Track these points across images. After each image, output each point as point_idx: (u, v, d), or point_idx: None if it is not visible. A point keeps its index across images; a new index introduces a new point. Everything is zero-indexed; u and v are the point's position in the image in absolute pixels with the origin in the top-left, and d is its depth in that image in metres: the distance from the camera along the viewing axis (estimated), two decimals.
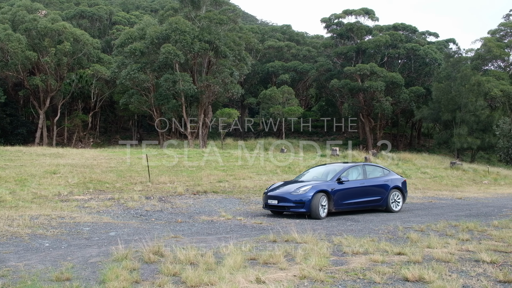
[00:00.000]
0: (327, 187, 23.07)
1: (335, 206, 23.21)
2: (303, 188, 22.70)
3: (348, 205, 23.95)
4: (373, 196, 24.91)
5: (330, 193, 22.99)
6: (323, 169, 26.42)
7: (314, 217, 22.10)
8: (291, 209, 22.73)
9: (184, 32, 71.66)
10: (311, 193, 22.28)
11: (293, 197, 22.55)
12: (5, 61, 79.83)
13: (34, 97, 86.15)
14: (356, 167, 25.71)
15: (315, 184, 23.20)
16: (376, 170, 26.49)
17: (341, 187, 23.62)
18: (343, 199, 23.60)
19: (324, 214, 22.53)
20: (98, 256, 12.81)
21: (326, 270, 10.89)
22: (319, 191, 22.56)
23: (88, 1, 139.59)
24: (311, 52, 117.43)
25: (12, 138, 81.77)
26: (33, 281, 9.71)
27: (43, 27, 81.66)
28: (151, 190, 27.73)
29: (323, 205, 22.60)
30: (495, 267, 11.26)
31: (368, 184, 24.90)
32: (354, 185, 24.33)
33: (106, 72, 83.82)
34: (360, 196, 24.47)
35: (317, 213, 22.18)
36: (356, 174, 25.17)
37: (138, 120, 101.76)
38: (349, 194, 24.01)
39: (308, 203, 22.10)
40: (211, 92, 76.40)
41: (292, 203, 22.51)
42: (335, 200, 23.15)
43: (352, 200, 24.08)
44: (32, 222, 17.89)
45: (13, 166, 32.31)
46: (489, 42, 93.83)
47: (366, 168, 25.97)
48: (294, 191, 22.80)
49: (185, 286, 9.63)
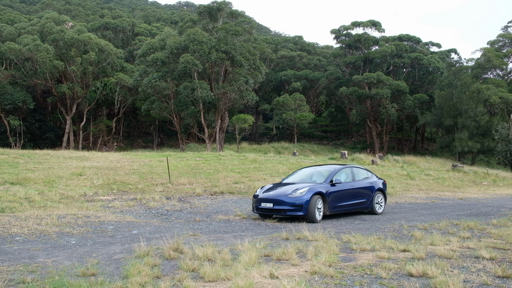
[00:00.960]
0: (323, 189, 21.28)
1: (329, 209, 21.50)
2: (300, 191, 20.70)
3: (340, 208, 22.30)
4: (361, 198, 23.36)
5: (325, 195, 21.22)
6: (310, 171, 24.85)
7: (311, 220, 20.30)
8: (287, 212, 20.56)
9: (202, 42, 71.74)
10: (309, 196, 20.42)
11: (290, 200, 20.48)
12: (34, 70, 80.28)
13: (61, 103, 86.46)
14: (345, 169, 24.06)
15: (312, 186, 21.28)
16: (361, 172, 24.89)
17: (334, 189, 21.93)
18: (336, 202, 21.93)
19: (319, 218, 20.80)
20: (122, 253, 12.82)
21: (336, 266, 10.88)
22: (316, 193, 20.78)
23: (112, 14, 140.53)
24: (322, 62, 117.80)
25: (41, 142, 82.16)
26: (60, 276, 9.74)
27: (70, 38, 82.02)
28: (171, 191, 27.71)
29: (319, 208, 20.80)
30: (494, 263, 11.23)
31: (357, 186, 23.41)
32: (345, 187, 22.64)
33: (129, 80, 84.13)
34: (351, 199, 22.80)
35: (314, 216, 20.34)
36: (345, 176, 23.53)
37: (159, 125, 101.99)
38: (341, 196, 22.30)
39: (306, 206, 20.22)
40: (227, 99, 76.44)
41: (289, 206, 20.43)
42: (329, 203, 21.45)
43: (344, 202, 22.42)
44: (59, 221, 17.92)
45: (41, 169, 32.36)
46: (488, 52, 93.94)
47: (353, 170, 24.50)
48: (290, 194, 20.73)
49: (203, 281, 9.64)
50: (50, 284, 8.93)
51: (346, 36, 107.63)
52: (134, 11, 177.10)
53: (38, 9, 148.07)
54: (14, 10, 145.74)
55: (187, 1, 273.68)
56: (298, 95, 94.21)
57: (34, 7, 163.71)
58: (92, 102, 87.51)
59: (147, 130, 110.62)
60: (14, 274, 10.08)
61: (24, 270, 10.52)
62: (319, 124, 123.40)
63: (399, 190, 35.20)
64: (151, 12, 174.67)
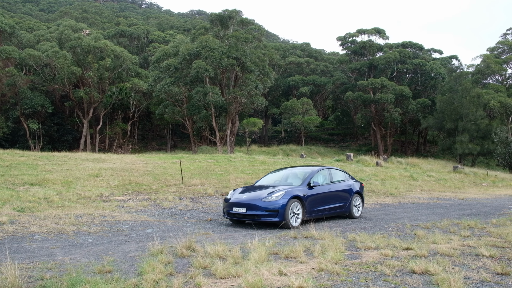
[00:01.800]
0: (300, 193, 18.84)
1: (307, 214, 19.09)
2: (276, 194, 18.26)
3: (318, 212, 19.95)
4: (339, 202, 21.16)
5: (303, 199, 18.78)
6: (285, 173, 22.39)
7: (287, 227, 17.91)
8: (262, 218, 18.06)
9: (213, 49, 71.90)
10: (285, 200, 17.99)
11: (264, 204, 17.99)
12: (53, 75, 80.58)
13: (78, 107, 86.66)
14: (323, 171, 21.61)
15: (289, 189, 18.82)
16: (338, 174, 22.58)
17: (312, 192, 19.57)
18: (314, 206, 19.60)
19: (297, 224, 18.38)
20: (136, 251, 12.85)
21: (342, 264, 10.89)
22: (293, 197, 18.35)
23: (128, 22, 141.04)
24: (328, 67, 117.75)
25: (59, 145, 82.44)
26: (77, 273, 9.77)
27: (87, 45, 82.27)
28: (184, 191, 27.69)
29: (296, 213, 18.46)
30: (493, 261, 11.23)
31: (335, 189, 21.17)
32: (323, 190, 20.36)
33: (144, 85, 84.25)
34: (329, 202, 20.56)
35: (290, 222, 18.02)
36: (323, 179, 21.17)
37: (172, 129, 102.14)
38: (320, 200, 20.00)
39: (282, 211, 17.80)
40: (238, 103, 76.53)
41: (264, 211, 17.97)
42: (307, 207, 19.05)
43: (322, 206, 20.10)
44: (77, 220, 17.95)
45: (60, 170, 32.43)
46: (488, 58, 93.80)
47: (331, 171, 22.11)
48: (265, 198, 18.27)
49: (214, 278, 9.66)
50: (68, 280, 8.97)
51: (352, 43, 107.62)
52: (149, 19, 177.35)
53: (56, 17, 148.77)
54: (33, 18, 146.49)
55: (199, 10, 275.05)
56: (305, 100, 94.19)
57: (53, 15, 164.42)
58: (108, 106, 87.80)
59: (161, 133, 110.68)
60: (34, 271, 10.12)
61: (43, 267, 10.56)
62: (325, 127, 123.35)
63: (402, 191, 35.14)
64: (164, 20, 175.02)
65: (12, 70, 76.64)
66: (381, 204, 27.33)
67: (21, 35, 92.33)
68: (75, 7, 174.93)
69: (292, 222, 18.16)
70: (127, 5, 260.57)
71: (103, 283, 8.73)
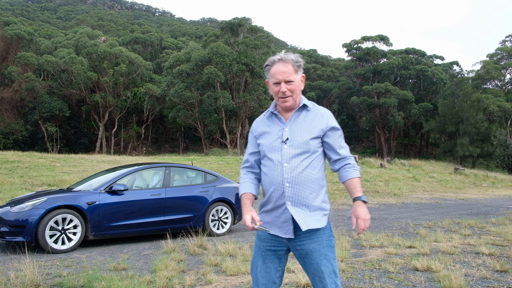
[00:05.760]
0: (77, 202, 12.52)
1: (95, 231, 12.79)
2: (33, 202, 12.11)
3: (124, 228, 13.46)
4: (177, 214, 14.48)
5: (84, 211, 12.51)
6: (108, 174, 14.84)
7: (45, 248, 11.83)
8: (6, 236, 11.91)
9: (224, 55, 72.01)
10: (41, 211, 11.84)
11: (12, 217, 11.92)
12: (70, 80, 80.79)
13: (94, 111, 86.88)
14: (150, 170, 15.19)
15: (53, 196, 12.50)
16: (188, 175, 16.06)
17: (112, 200, 13.18)
18: (114, 219, 13.17)
19: (67, 246, 12.24)
20: (150, 249, 12.83)
21: (347, 261, 10.85)
22: (59, 207, 12.17)
23: (142, 29, 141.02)
24: (334, 73, 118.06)
25: (75, 147, 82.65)
26: (94, 270, 9.76)
27: (103, 51, 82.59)
28: None
29: (64, 229, 12.21)
30: (493, 259, 11.17)
31: (170, 195, 14.44)
32: (140, 197, 13.89)
33: (157, 90, 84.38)
34: (152, 214, 13.99)
35: (46, 243, 11.83)
36: (148, 181, 14.98)
37: (184, 132, 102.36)
38: (129, 211, 13.54)
39: (32, 227, 11.73)
40: (247, 108, 76.57)
41: (7, 227, 11.88)
42: (95, 221, 12.74)
43: (134, 220, 13.60)
44: None
45: (76, 171, 32.42)
46: (487, 64, 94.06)
47: (171, 172, 15.14)
48: (18, 208, 12.07)
49: (225, 275, 9.64)
50: (84, 277, 8.96)
51: (357, 49, 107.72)
52: (162, 27, 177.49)
53: (73, 25, 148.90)
54: (51, 25, 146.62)
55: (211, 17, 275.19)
56: None
57: (70, 23, 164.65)
58: (123, 110, 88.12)
59: (173, 136, 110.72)
60: (52, 268, 10.12)
61: (61, 264, 10.55)
62: None
63: (405, 191, 35.05)
64: (177, 27, 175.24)
65: (30, 76, 77.00)
66: (385, 204, 27.24)
67: (39, 42, 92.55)
68: (91, 15, 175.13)
69: (52, 244, 12.05)
70: (141, 13, 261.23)
71: (118, 280, 8.72)
